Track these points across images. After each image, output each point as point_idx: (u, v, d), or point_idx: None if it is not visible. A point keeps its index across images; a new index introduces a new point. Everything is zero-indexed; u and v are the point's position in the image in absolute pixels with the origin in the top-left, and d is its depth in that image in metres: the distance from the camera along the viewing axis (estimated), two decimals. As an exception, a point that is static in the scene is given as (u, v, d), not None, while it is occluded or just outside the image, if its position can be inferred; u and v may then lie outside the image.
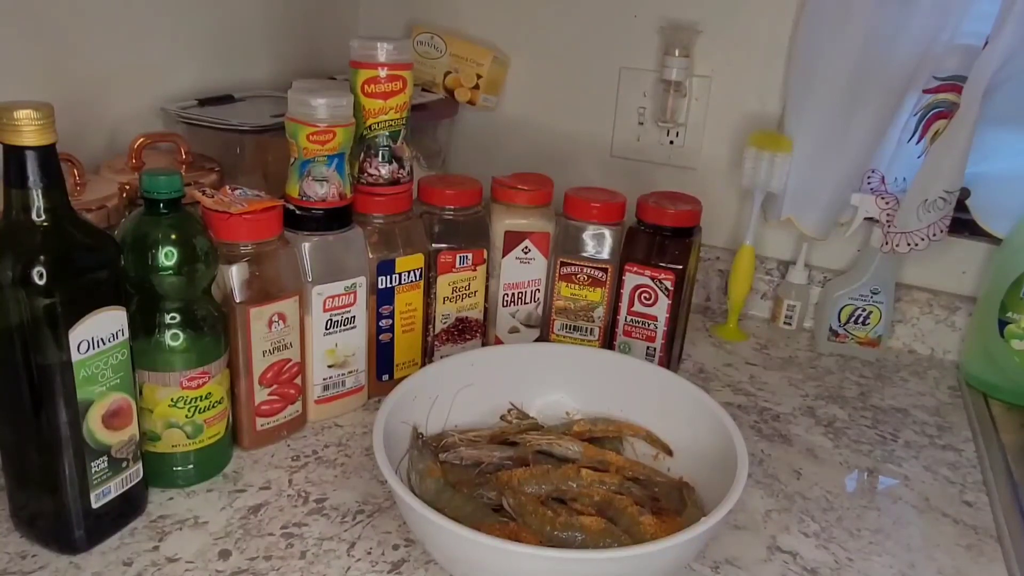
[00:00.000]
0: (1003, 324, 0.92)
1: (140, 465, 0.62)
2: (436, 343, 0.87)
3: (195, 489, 0.67)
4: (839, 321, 1.01)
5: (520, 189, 0.87)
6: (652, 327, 0.87)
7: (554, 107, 1.15)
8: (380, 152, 0.78)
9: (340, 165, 0.73)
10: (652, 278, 0.85)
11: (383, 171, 0.79)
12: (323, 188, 0.73)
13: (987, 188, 0.95)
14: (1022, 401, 0.92)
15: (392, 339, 0.82)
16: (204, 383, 0.65)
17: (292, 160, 0.73)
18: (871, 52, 0.90)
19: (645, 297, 0.86)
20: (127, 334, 0.58)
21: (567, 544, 0.59)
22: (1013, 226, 0.94)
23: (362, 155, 0.78)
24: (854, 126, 0.94)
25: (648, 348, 0.88)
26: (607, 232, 0.87)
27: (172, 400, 0.64)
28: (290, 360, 0.73)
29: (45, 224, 0.53)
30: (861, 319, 1.00)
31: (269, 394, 0.72)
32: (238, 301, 0.68)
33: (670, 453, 0.71)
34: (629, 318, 0.88)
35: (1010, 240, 0.94)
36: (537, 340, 0.92)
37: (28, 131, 0.51)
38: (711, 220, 0.99)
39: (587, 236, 0.87)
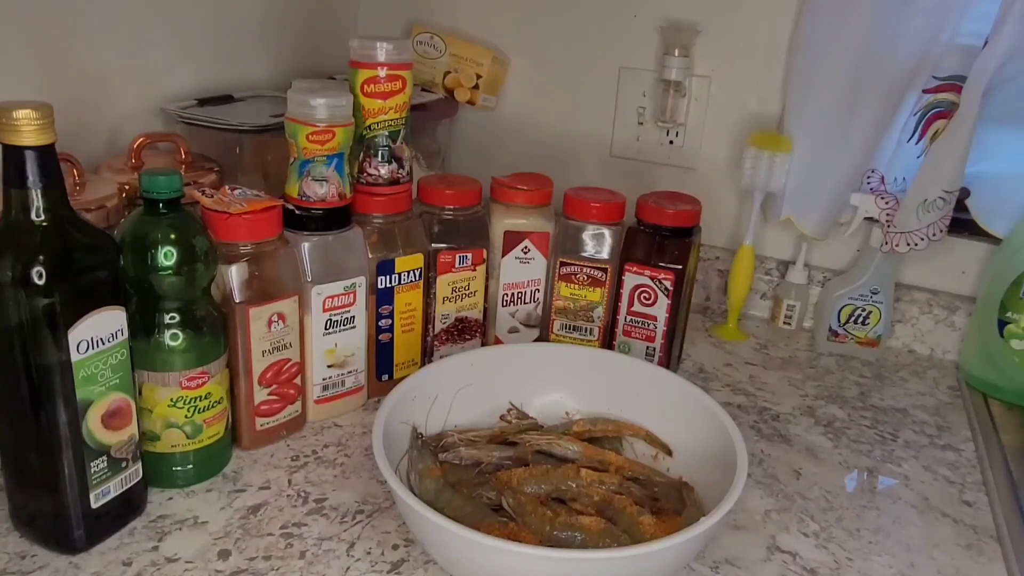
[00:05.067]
0: (1003, 324, 0.92)
1: (139, 465, 0.62)
2: (436, 343, 0.87)
3: (194, 489, 0.67)
4: (839, 321, 1.01)
5: (519, 189, 0.87)
6: (652, 327, 0.87)
7: (554, 107, 1.15)
8: (380, 152, 0.78)
9: (339, 165, 0.73)
10: (652, 278, 0.85)
11: (382, 171, 0.79)
12: (323, 188, 0.73)
13: (987, 188, 0.96)
14: (1022, 401, 0.92)
15: (392, 339, 0.82)
16: (203, 383, 0.65)
17: (292, 160, 0.73)
18: (871, 52, 0.90)
19: (645, 297, 0.86)
20: (126, 334, 0.58)
21: (567, 544, 0.59)
22: (1013, 226, 0.94)
23: (361, 155, 0.78)
24: (854, 126, 0.94)
25: (648, 348, 0.88)
26: (607, 232, 0.87)
27: (171, 400, 0.64)
28: (289, 360, 0.73)
29: (44, 224, 0.53)
30: (861, 319, 1.00)
31: (268, 394, 0.72)
32: (237, 301, 0.68)
33: (670, 453, 0.71)
34: (629, 318, 0.88)
35: (1010, 240, 0.94)
36: (537, 340, 0.92)
37: (27, 131, 0.51)
38: (711, 220, 0.99)
39: (587, 236, 0.87)
